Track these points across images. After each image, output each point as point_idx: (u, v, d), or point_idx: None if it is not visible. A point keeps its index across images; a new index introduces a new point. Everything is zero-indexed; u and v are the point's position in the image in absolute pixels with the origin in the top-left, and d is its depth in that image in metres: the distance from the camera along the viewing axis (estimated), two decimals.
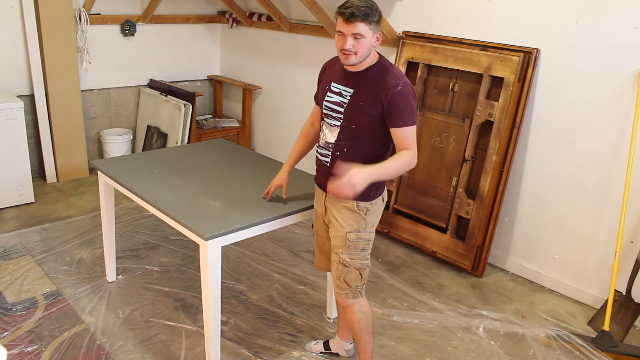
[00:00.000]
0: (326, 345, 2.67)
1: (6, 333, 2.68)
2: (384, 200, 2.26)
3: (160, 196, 2.53)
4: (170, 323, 2.84)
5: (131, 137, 5.06)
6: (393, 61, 3.80)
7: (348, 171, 1.92)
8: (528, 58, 3.19)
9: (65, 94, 4.52)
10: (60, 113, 4.54)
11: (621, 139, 2.95)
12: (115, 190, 2.91)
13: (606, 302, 2.86)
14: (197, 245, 2.96)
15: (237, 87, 5.50)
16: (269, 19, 4.85)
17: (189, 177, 2.77)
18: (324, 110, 2.21)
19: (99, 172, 2.93)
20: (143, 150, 5.08)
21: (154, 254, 3.52)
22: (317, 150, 2.27)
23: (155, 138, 4.96)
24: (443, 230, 3.60)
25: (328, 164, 2.20)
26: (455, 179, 3.52)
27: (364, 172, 1.94)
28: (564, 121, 3.17)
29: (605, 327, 2.76)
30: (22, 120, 4.04)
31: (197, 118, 5.37)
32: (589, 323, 3.03)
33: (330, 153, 2.19)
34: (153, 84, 5.20)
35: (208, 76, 5.70)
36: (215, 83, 5.71)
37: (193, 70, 5.58)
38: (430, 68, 3.66)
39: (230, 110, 5.75)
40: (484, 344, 2.79)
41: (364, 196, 2.14)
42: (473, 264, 3.44)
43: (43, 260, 3.37)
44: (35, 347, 2.58)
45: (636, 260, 2.90)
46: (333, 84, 2.18)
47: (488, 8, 3.39)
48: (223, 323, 2.80)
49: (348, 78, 2.13)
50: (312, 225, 2.49)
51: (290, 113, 4.96)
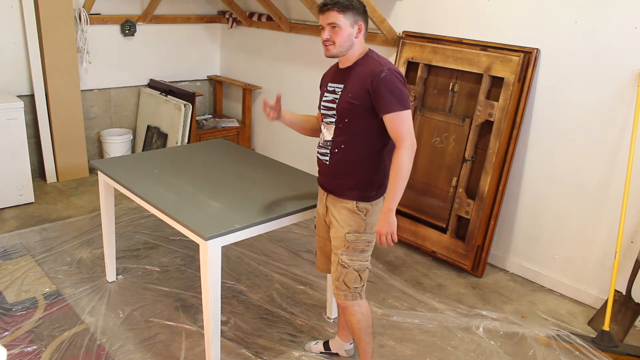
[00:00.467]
0: (326, 345, 2.67)
1: (6, 333, 2.68)
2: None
3: (160, 196, 2.53)
4: (170, 323, 2.84)
5: (131, 137, 5.06)
6: (393, 61, 3.80)
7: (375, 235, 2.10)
8: (528, 58, 3.19)
9: (65, 94, 4.52)
10: (60, 113, 4.54)
11: (621, 139, 2.95)
12: (115, 190, 2.91)
13: (606, 302, 2.86)
14: (197, 245, 2.96)
15: (237, 87, 5.49)
16: (269, 19, 4.85)
17: (189, 177, 2.77)
18: (321, 111, 2.23)
19: (99, 172, 2.93)
20: (143, 150, 5.07)
21: (154, 254, 3.52)
22: (317, 151, 2.27)
23: (155, 138, 4.96)
24: (443, 230, 3.60)
25: (327, 162, 2.21)
26: (455, 179, 3.52)
27: (385, 217, 2.04)
28: (564, 121, 3.17)
29: (605, 327, 2.76)
30: (22, 120, 4.04)
31: (197, 118, 5.37)
32: (589, 323, 3.03)
33: (328, 151, 2.20)
34: (153, 84, 5.20)
35: (208, 76, 5.70)
36: (215, 83, 5.71)
37: (193, 70, 5.58)
38: (430, 68, 3.66)
39: (230, 110, 5.75)
40: (484, 344, 2.79)
41: (365, 197, 2.15)
42: (473, 264, 3.44)
43: (43, 260, 3.37)
44: (35, 347, 2.58)
45: (636, 260, 2.90)
46: (329, 84, 2.22)
47: (488, 8, 3.39)
48: (223, 323, 2.80)
49: (340, 75, 2.18)
50: (315, 226, 2.49)
51: None
